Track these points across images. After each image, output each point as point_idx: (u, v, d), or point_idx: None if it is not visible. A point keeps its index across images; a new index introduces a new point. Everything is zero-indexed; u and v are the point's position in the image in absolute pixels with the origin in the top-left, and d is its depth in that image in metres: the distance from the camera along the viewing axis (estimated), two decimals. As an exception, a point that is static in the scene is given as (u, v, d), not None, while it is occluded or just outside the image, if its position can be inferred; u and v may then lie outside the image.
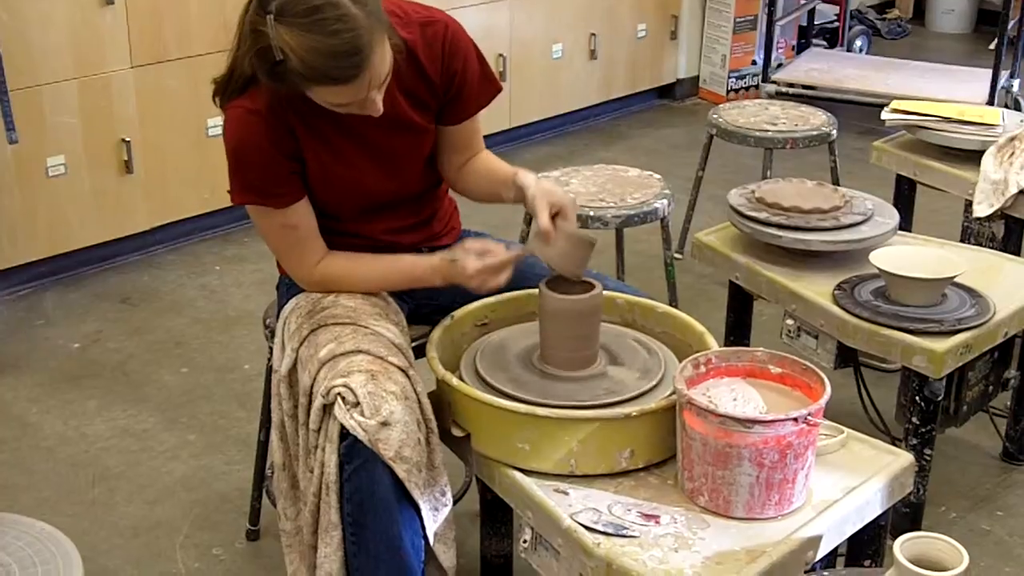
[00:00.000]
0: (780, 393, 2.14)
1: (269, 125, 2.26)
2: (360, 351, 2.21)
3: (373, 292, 2.41)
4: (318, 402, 2.18)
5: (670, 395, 2.16)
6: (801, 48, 6.63)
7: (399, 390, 2.15)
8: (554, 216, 2.26)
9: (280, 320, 2.42)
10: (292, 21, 2.06)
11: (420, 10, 2.38)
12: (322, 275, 2.39)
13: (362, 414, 2.10)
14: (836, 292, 2.83)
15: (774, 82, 5.99)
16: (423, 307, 2.52)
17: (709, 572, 1.91)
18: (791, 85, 5.99)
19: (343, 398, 2.12)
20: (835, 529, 2.05)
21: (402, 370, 2.21)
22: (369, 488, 2.13)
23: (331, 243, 2.42)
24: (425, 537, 2.22)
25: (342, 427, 2.12)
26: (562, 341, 2.28)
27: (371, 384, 2.13)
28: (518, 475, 2.14)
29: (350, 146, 2.34)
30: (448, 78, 2.39)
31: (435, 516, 2.23)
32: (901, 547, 1.84)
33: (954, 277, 2.75)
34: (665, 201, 3.37)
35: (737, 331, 3.23)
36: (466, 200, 2.62)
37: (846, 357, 2.88)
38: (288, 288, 2.48)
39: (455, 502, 2.86)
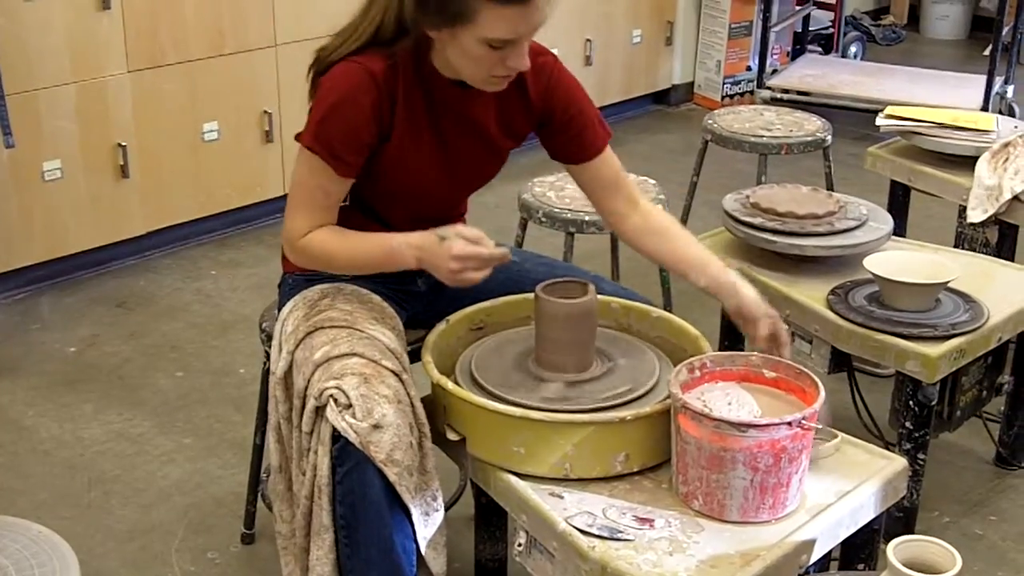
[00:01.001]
0: (774, 397, 2.15)
1: (378, 88, 2.23)
2: (354, 354, 2.21)
3: (348, 270, 2.39)
4: (311, 404, 2.18)
5: (665, 399, 2.16)
6: (796, 54, 6.64)
7: (392, 393, 2.16)
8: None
9: (278, 322, 2.42)
10: None
11: (534, 41, 2.39)
12: (308, 240, 2.33)
13: (354, 416, 2.11)
14: (830, 297, 2.84)
15: (769, 88, 6.00)
16: (420, 313, 2.53)
17: None
18: (786, 91, 6.00)
19: (335, 400, 2.13)
20: (829, 533, 2.06)
21: (395, 374, 2.21)
22: (361, 491, 2.14)
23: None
24: (416, 542, 2.23)
25: (334, 429, 2.12)
26: (557, 345, 2.28)
27: (364, 387, 2.14)
28: (513, 479, 2.14)
29: (432, 143, 2.33)
30: (548, 109, 2.45)
31: (426, 521, 2.24)
32: (894, 551, 1.85)
33: (948, 282, 2.76)
34: (659, 206, 3.37)
35: (732, 335, 3.23)
36: (470, 206, 2.62)
37: (840, 362, 2.88)
38: (290, 288, 2.48)
39: (450, 506, 2.88)
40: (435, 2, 2.14)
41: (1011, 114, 5.75)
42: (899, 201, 3.85)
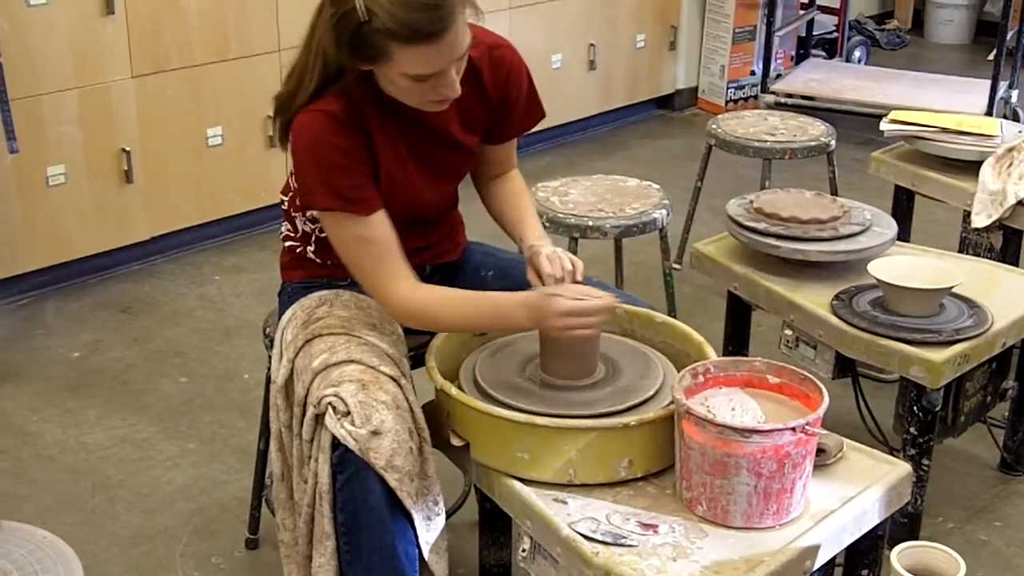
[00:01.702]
0: (778, 403, 2.15)
1: (346, 128, 2.22)
2: (352, 361, 2.22)
3: (454, 330, 2.39)
4: (310, 412, 2.19)
5: (669, 405, 2.16)
6: (800, 59, 6.64)
7: (390, 399, 2.16)
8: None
9: (278, 330, 2.43)
10: None
11: (488, 33, 2.38)
12: (408, 304, 2.29)
13: (352, 423, 2.11)
14: (834, 302, 2.84)
15: (773, 92, 6.00)
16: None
17: (707, 581, 1.92)
18: (790, 96, 6.00)
19: (334, 407, 2.13)
20: (833, 539, 2.05)
21: (394, 380, 2.21)
22: (361, 497, 2.14)
23: None
24: (418, 547, 2.23)
25: (334, 437, 2.13)
26: (561, 350, 2.28)
27: (362, 393, 2.14)
28: (517, 484, 2.14)
29: (413, 161, 2.34)
30: (503, 102, 2.42)
31: (428, 526, 2.24)
32: (898, 556, 1.85)
33: (952, 287, 2.75)
34: (664, 211, 3.38)
35: (735, 341, 3.23)
36: (469, 208, 2.63)
37: (844, 367, 2.88)
38: (289, 297, 2.49)
39: (454, 511, 2.88)
40: (349, 46, 2.13)
41: (1015, 119, 5.74)
42: (903, 206, 3.85)
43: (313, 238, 2.47)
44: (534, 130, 2.57)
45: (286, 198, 2.51)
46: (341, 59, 2.17)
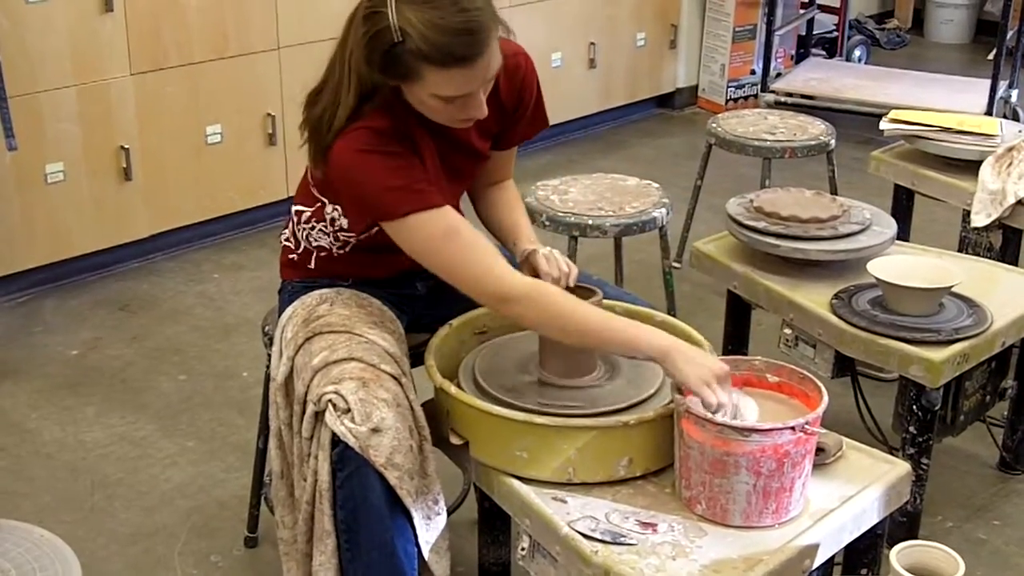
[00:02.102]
0: (778, 402, 2.15)
1: (395, 140, 2.18)
2: (352, 359, 2.22)
3: (575, 339, 2.21)
4: (310, 409, 2.19)
5: (668, 404, 2.16)
6: (800, 58, 6.64)
7: (390, 397, 2.16)
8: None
9: (278, 328, 2.42)
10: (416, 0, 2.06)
11: (503, 40, 2.34)
12: (528, 290, 2.18)
13: (353, 421, 2.11)
14: (834, 301, 2.84)
15: (773, 92, 6.00)
16: (423, 317, 2.52)
17: (706, 580, 1.91)
18: (790, 95, 6.00)
19: (334, 405, 2.13)
20: (832, 538, 2.05)
21: (394, 378, 2.21)
22: (361, 495, 2.14)
23: (345, 255, 2.43)
24: (418, 545, 2.23)
25: (334, 434, 2.12)
26: (561, 349, 2.28)
27: (362, 391, 2.14)
28: (516, 483, 2.14)
29: (443, 168, 2.34)
30: (515, 109, 2.41)
31: (428, 524, 2.23)
32: (898, 556, 1.85)
33: (952, 287, 2.75)
34: (664, 210, 3.38)
35: (735, 340, 3.23)
36: (468, 206, 2.62)
37: (843, 366, 2.88)
38: (289, 295, 2.48)
39: (454, 510, 2.88)
40: (380, 64, 2.11)
41: (1015, 118, 5.74)
42: (903, 205, 3.84)
43: (314, 256, 2.47)
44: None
45: (301, 207, 2.45)
46: (373, 77, 2.15)
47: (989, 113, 5.48)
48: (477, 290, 2.20)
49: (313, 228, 2.42)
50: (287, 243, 2.52)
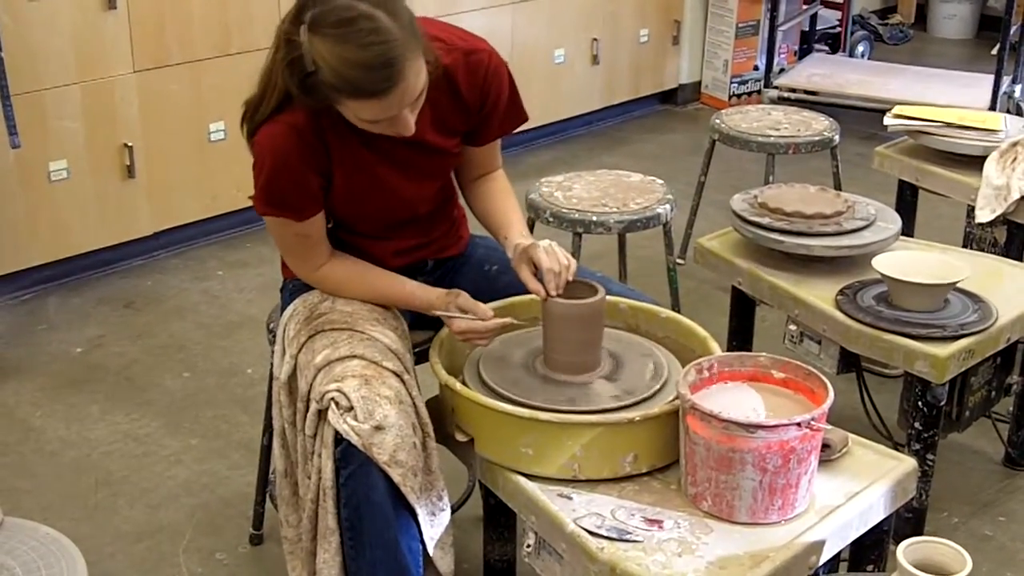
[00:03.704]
0: (783, 398, 2.14)
1: (305, 142, 2.22)
2: (355, 356, 2.22)
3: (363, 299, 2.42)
4: (313, 407, 2.19)
5: (673, 400, 2.16)
6: (803, 53, 6.63)
7: (393, 394, 2.16)
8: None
9: (280, 326, 2.43)
10: (326, 32, 2.05)
11: (465, 37, 2.37)
12: (323, 276, 2.40)
13: (355, 418, 2.11)
14: (838, 297, 2.83)
15: (776, 87, 5.99)
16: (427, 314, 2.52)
17: (712, 577, 1.91)
18: (793, 90, 5.99)
19: (336, 403, 2.13)
20: (838, 534, 2.05)
21: (397, 375, 2.21)
22: (365, 492, 2.14)
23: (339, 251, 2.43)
24: (423, 542, 2.22)
25: (337, 432, 2.12)
26: (565, 346, 2.28)
27: (364, 389, 2.14)
28: (521, 480, 2.14)
29: (378, 164, 2.33)
30: (481, 106, 2.40)
31: (432, 521, 2.23)
32: (904, 552, 1.84)
33: (956, 282, 2.75)
34: (668, 206, 3.38)
35: (740, 336, 3.23)
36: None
37: (848, 362, 2.88)
38: (291, 293, 2.49)
39: (459, 506, 2.88)
40: (300, 88, 2.12)
41: (1019, 113, 5.73)
42: (907, 201, 3.84)
43: None
44: (537, 125, 2.56)
45: None
46: (296, 94, 2.16)
47: (993, 108, 5.48)
48: (301, 275, 2.45)
49: None
50: None
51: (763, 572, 1.91)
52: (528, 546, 2.13)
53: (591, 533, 1.99)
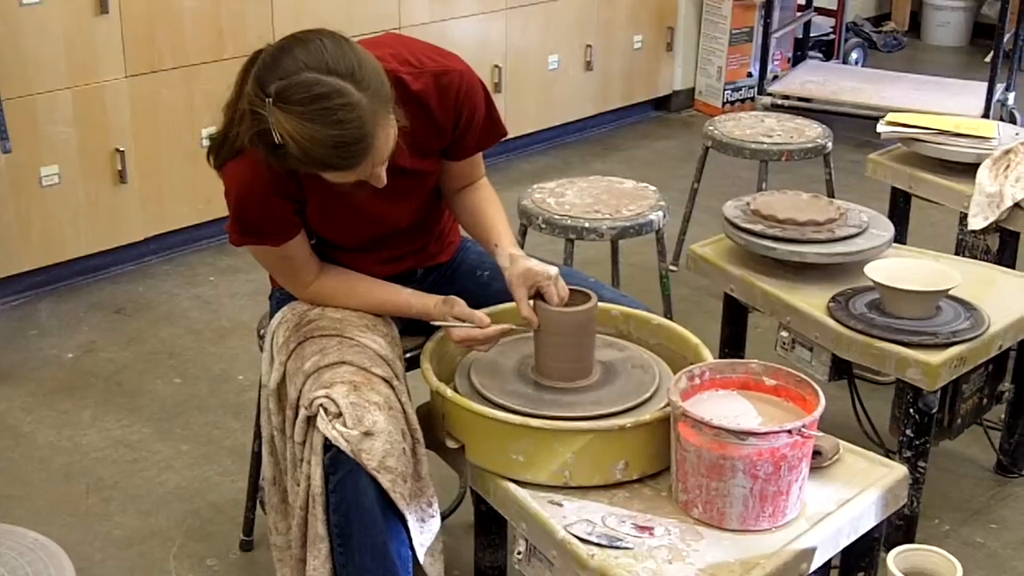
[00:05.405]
0: (774, 405, 2.14)
1: (273, 173, 2.18)
2: (343, 362, 2.21)
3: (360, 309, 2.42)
4: (302, 414, 2.18)
5: (665, 407, 2.15)
6: (797, 60, 6.64)
7: (382, 400, 2.15)
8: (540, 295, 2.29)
9: (268, 333, 2.42)
10: (293, 109, 2.00)
11: (436, 58, 2.33)
12: (315, 293, 2.40)
13: (344, 425, 2.10)
14: (831, 304, 2.83)
15: (770, 94, 5.99)
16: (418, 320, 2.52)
17: (703, 584, 1.91)
18: (787, 97, 6.00)
19: (325, 409, 2.13)
20: (829, 541, 2.05)
21: (386, 381, 2.21)
22: (354, 499, 2.13)
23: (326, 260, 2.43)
24: (412, 548, 2.22)
25: (326, 439, 2.12)
26: (557, 352, 2.27)
27: (353, 395, 2.14)
28: (512, 486, 2.13)
29: (354, 188, 2.30)
30: (455, 124, 2.37)
31: (422, 527, 2.23)
32: (895, 559, 1.85)
33: (949, 290, 2.75)
34: (660, 213, 3.38)
35: (732, 343, 3.22)
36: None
37: (840, 369, 2.88)
38: (279, 300, 2.48)
39: (449, 513, 2.87)
40: (270, 154, 2.09)
41: (1012, 121, 5.74)
42: (900, 208, 3.84)
43: None
44: (530, 131, 2.55)
45: None
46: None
47: (986, 116, 5.48)
48: (291, 291, 2.45)
49: None
50: None
51: (754, 580, 1.91)
52: (519, 553, 2.13)
53: (582, 540, 1.99)
